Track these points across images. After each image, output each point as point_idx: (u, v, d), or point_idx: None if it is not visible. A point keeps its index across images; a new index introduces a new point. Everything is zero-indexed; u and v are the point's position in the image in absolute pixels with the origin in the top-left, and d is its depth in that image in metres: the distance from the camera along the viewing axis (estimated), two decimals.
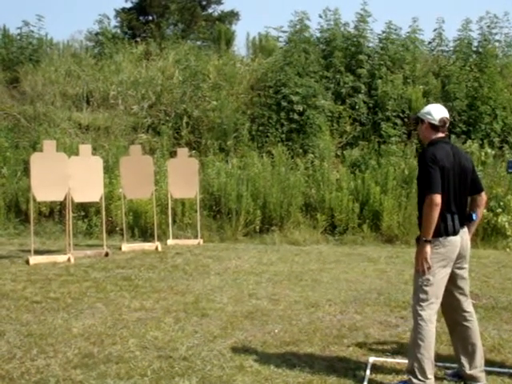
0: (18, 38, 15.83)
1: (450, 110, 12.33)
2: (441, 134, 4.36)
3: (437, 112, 4.36)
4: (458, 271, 4.34)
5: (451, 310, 4.43)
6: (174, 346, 5.14)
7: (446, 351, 4.96)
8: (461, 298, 4.38)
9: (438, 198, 4.09)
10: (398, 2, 46.52)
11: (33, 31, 15.76)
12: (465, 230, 4.35)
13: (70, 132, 12.89)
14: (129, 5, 23.10)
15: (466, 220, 4.36)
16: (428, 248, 4.15)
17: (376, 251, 9.69)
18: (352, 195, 10.93)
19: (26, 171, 10.49)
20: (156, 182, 10.64)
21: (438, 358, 4.66)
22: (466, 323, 4.38)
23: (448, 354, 4.87)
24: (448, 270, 4.26)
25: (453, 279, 4.33)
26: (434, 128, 4.35)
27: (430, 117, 4.35)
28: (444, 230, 4.19)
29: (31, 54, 15.35)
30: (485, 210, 9.98)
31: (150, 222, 10.54)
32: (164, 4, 21.99)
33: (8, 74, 14.91)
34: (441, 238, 4.19)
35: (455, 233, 4.22)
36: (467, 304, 4.41)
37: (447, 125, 4.38)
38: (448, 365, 4.68)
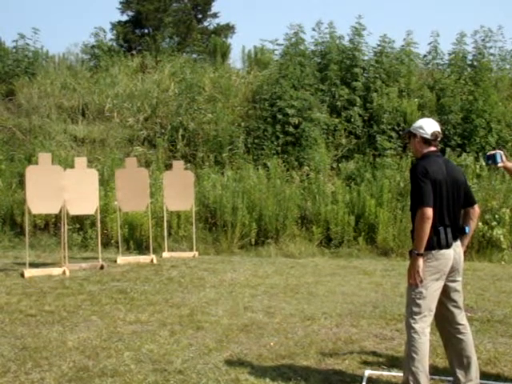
0: (14, 50, 15.93)
1: (445, 123, 12.41)
2: (433, 148, 4.38)
3: (429, 126, 4.38)
4: (451, 284, 4.35)
5: (445, 322, 4.42)
6: (169, 359, 5.12)
7: (442, 364, 4.96)
8: (455, 310, 4.38)
9: (429, 211, 4.11)
10: (393, 15, 46.92)
11: (28, 44, 15.90)
12: (458, 243, 4.35)
13: (65, 145, 12.91)
14: (125, 18, 23.19)
15: (459, 233, 4.38)
16: (420, 261, 4.16)
17: (371, 264, 9.70)
18: (347, 208, 10.95)
19: (21, 184, 10.48)
20: (151, 194, 10.65)
21: (434, 370, 4.66)
22: (460, 336, 4.37)
23: (443, 366, 4.87)
24: (441, 283, 4.27)
25: (446, 292, 4.34)
26: (426, 142, 4.37)
27: (422, 131, 4.37)
28: (437, 243, 4.20)
29: (27, 66, 15.43)
30: (480, 223, 10.02)
31: (145, 235, 10.53)
32: (160, 17, 22.07)
33: (3, 86, 14.97)
34: (433, 251, 4.20)
35: (448, 246, 4.23)
36: (461, 317, 4.40)
37: (439, 139, 4.41)
38: (443, 378, 4.67)
